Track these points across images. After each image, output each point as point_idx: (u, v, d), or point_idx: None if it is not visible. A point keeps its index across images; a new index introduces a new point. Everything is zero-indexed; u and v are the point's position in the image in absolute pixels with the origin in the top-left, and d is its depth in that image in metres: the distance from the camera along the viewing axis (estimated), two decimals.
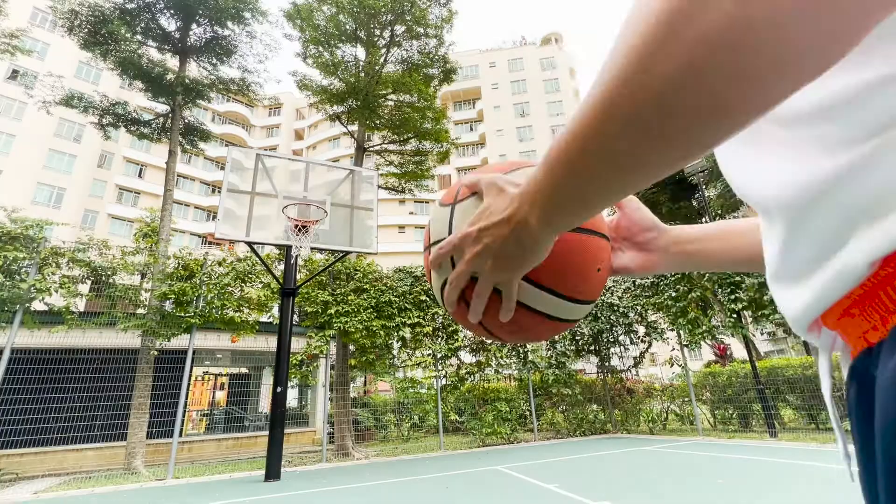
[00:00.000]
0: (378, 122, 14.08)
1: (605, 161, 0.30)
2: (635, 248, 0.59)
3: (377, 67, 13.54)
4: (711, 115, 0.25)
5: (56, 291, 8.19)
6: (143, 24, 12.11)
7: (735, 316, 8.86)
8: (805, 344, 11.44)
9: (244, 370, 17.25)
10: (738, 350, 16.97)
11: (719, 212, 16.23)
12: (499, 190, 0.45)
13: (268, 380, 15.63)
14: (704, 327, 9.52)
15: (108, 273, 8.78)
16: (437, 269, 0.50)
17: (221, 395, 16.45)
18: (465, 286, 0.47)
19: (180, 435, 8.43)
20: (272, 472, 7.00)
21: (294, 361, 9.75)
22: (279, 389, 7.50)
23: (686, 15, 0.23)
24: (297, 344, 10.42)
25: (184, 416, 8.72)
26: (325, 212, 7.82)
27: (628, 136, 0.28)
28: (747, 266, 0.54)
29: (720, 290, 9.00)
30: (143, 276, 9.57)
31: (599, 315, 11.50)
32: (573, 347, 11.46)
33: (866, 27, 0.22)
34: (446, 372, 10.70)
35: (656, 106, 0.25)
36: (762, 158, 0.36)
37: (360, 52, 14.08)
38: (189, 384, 8.91)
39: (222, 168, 41.13)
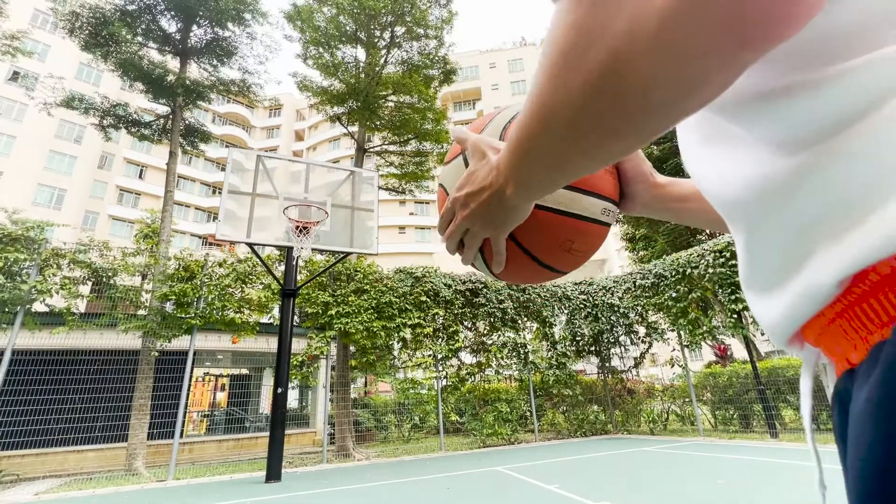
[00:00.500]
0: (378, 123, 14.09)
1: (544, 158, 0.35)
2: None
3: (377, 68, 13.56)
4: (611, 136, 0.29)
5: (57, 293, 8.20)
6: (143, 26, 12.12)
7: (735, 316, 8.85)
8: None
9: (245, 371, 17.26)
10: (738, 350, 16.95)
11: None
12: (481, 154, 0.49)
13: (268, 381, 15.63)
14: (705, 328, 9.51)
15: (109, 274, 8.79)
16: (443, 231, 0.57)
17: (222, 397, 16.45)
18: (458, 239, 0.53)
19: (181, 436, 8.43)
20: (273, 473, 6.99)
21: (295, 362, 9.75)
22: (280, 390, 7.50)
23: (577, 56, 0.26)
24: (298, 345, 10.42)
25: (184, 417, 8.72)
26: (326, 213, 7.83)
27: (555, 144, 0.33)
28: (725, 229, 0.56)
29: (721, 290, 9.00)
30: (143, 277, 9.58)
31: (600, 316, 11.49)
32: (574, 348, 11.45)
33: (728, 80, 0.24)
34: (447, 373, 10.70)
35: (567, 126, 0.30)
36: (721, 158, 0.36)
37: (361, 54, 14.11)
38: (190, 385, 8.91)
39: (223, 169, 41.19)
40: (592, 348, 11.73)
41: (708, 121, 0.37)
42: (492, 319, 11.14)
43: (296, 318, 8.94)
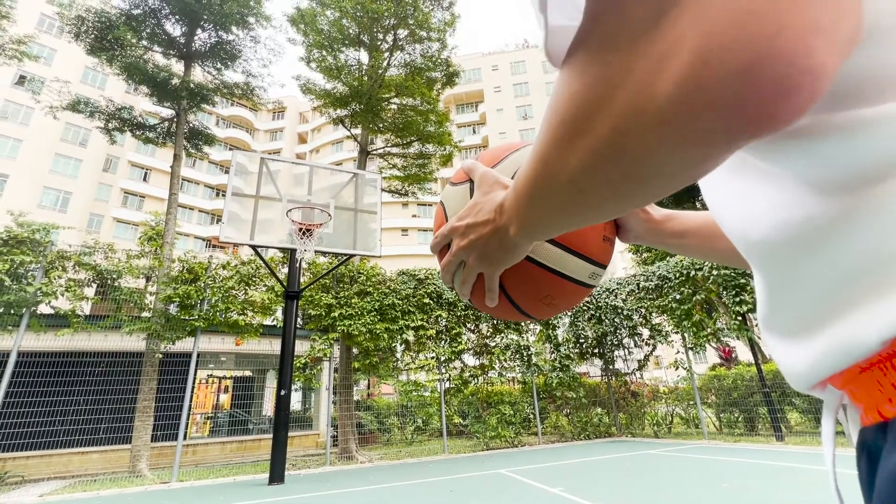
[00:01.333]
0: (381, 125, 14.13)
1: (549, 209, 0.34)
2: None
3: (380, 71, 13.61)
4: (615, 197, 0.29)
5: (62, 295, 8.25)
6: (148, 30, 12.22)
7: (740, 318, 8.80)
8: None
9: (248, 373, 17.29)
10: (743, 353, 16.85)
11: None
12: (489, 188, 0.48)
13: (271, 383, 15.66)
14: (709, 330, 9.46)
15: (114, 276, 8.83)
16: (437, 254, 0.57)
17: (225, 398, 16.49)
18: (454, 272, 0.52)
19: (184, 438, 8.45)
20: (276, 476, 7.00)
21: (298, 364, 9.76)
22: (283, 392, 7.50)
23: (580, 126, 0.27)
24: (301, 347, 10.43)
25: (188, 419, 8.74)
26: (329, 215, 7.84)
27: (558, 199, 0.32)
28: (727, 263, 0.56)
29: (725, 292, 8.95)
30: (147, 279, 9.62)
31: (603, 318, 11.45)
32: (577, 350, 11.41)
33: (735, 151, 0.24)
34: (450, 375, 10.68)
35: (570, 185, 0.30)
36: (747, 192, 0.34)
37: (364, 56, 14.15)
38: (193, 387, 8.93)
39: (226, 172, 41.33)
40: (596, 350, 11.68)
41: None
42: (495, 321, 11.12)
43: (299, 320, 8.96)
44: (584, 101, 0.26)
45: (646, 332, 11.20)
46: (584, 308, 11.63)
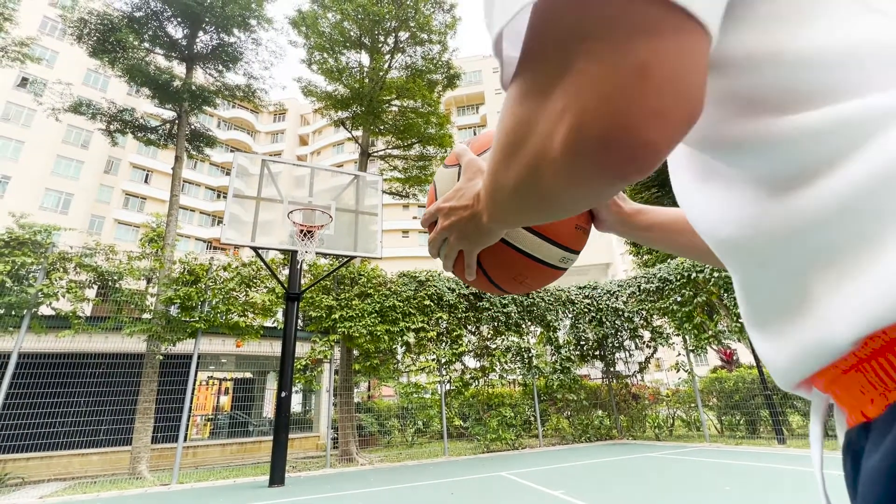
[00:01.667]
0: (382, 127, 14.15)
1: (505, 206, 0.39)
2: None
3: (381, 73, 13.63)
4: (546, 211, 0.35)
5: (63, 296, 8.25)
6: (150, 32, 12.25)
7: (741, 321, 8.78)
8: None
9: (248, 375, 17.28)
10: (744, 355, 16.80)
11: None
12: (472, 174, 0.53)
13: (272, 384, 15.65)
14: (710, 332, 9.44)
15: (115, 278, 8.84)
16: (427, 229, 0.61)
17: (226, 400, 16.48)
18: (439, 247, 0.58)
19: (185, 440, 8.44)
20: (276, 478, 6.98)
21: (298, 366, 9.75)
22: (283, 394, 7.50)
23: (509, 153, 0.32)
24: (302, 349, 10.43)
25: (188, 420, 8.72)
26: (330, 217, 7.85)
27: (508, 201, 0.37)
28: (687, 256, 0.60)
29: (726, 294, 8.94)
30: (148, 280, 9.63)
31: (604, 320, 11.43)
32: (578, 352, 11.39)
33: (617, 190, 0.30)
34: (450, 377, 10.66)
35: (513, 193, 0.35)
36: (713, 195, 0.36)
37: (365, 59, 14.19)
38: (194, 389, 8.92)
39: (227, 173, 41.37)
40: (597, 353, 11.66)
41: (697, 157, 0.38)
42: (495, 323, 11.11)
43: (300, 321, 8.95)
44: (513, 136, 0.31)
45: (647, 335, 11.18)
46: (585, 310, 11.61)
